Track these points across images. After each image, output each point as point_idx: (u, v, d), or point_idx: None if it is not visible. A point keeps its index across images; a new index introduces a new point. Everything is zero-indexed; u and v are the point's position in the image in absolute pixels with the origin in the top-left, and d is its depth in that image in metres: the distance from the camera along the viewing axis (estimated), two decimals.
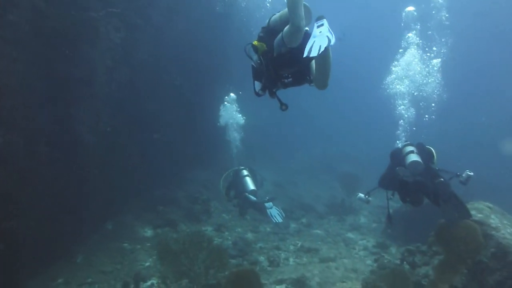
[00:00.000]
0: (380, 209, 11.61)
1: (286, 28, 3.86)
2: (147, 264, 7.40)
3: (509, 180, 17.24)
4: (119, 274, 6.86)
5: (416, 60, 9.97)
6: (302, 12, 3.67)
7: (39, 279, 6.34)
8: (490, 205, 6.55)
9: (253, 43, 4.49)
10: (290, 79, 4.42)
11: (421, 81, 10.03)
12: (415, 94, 9.67)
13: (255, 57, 4.60)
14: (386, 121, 11.74)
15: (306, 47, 3.44)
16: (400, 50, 10.43)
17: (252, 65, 4.68)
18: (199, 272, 6.86)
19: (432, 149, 6.45)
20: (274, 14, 4.56)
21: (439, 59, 10.98)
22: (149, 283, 6.61)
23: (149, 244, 8.29)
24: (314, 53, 3.38)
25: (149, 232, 9.03)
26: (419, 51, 10.17)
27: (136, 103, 9.46)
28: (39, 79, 6.86)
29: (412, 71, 9.86)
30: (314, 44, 3.41)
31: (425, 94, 10.48)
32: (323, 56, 3.64)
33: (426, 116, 11.14)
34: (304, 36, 3.98)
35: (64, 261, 7.04)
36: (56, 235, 6.74)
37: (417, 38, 10.33)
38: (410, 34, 10.47)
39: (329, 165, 19.74)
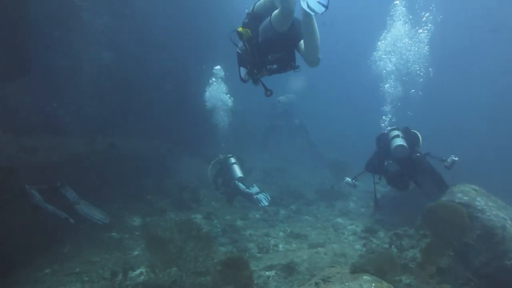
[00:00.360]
0: (369, 194, 11.67)
1: (276, 12, 3.82)
2: (136, 253, 7.36)
3: (494, 162, 17.49)
4: (107, 263, 6.81)
5: (404, 29, 9.85)
6: None
7: (26, 270, 6.27)
8: (476, 187, 6.62)
9: (238, 29, 4.46)
10: (275, 66, 4.40)
11: (407, 54, 9.94)
12: (401, 68, 9.61)
13: (240, 43, 4.59)
14: (373, 104, 11.68)
15: (303, 8, 3.31)
16: (389, 23, 10.30)
17: (237, 52, 4.66)
18: (188, 260, 6.84)
19: (418, 133, 6.50)
20: (259, 0, 4.53)
21: (430, 25, 10.85)
22: (137, 271, 6.58)
23: (137, 233, 8.25)
24: (319, 9, 3.25)
25: (137, 221, 8.98)
26: (406, 25, 10.06)
27: (121, 90, 9.33)
28: (21, 68, 6.71)
29: (400, 43, 9.76)
30: (309, 2, 3.26)
31: (411, 69, 10.39)
32: (309, 31, 3.60)
33: (413, 90, 11.10)
34: (292, 22, 3.95)
35: (51, 251, 6.96)
36: (42, 225, 6.66)
37: (404, 9, 10.19)
38: (397, 1, 10.29)
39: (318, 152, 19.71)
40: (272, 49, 4.27)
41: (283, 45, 4.25)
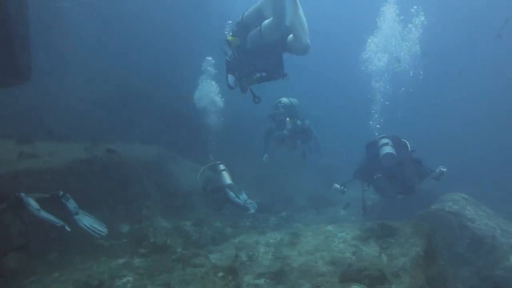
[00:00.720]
0: (360, 202, 11.67)
1: (267, 22, 3.86)
2: (124, 260, 7.24)
3: (483, 170, 17.59)
4: (94, 271, 6.69)
5: (395, 27, 9.88)
6: (286, 8, 3.71)
7: (9, 277, 6.12)
8: (466, 196, 6.65)
9: (227, 38, 4.54)
10: (264, 73, 4.45)
11: (398, 51, 9.96)
12: (392, 67, 9.64)
13: (229, 51, 4.65)
14: (368, 105, 11.65)
15: None
16: (380, 18, 10.31)
17: (226, 59, 4.72)
18: (177, 268, 6.77)
19: (407, 142, 6.55)
20: (248, 10, 4.60)
21: (422, 19, 10.87)
22: (125, 280, 6.45)
23: (125, 240, 8.12)
24: None
25: (126, 228, 8.84)
26: (396, 24, 10.10)
27: (111, 95, 9.27)
28: (22, 73, 6.60)
29: (390, 41, 9.80)
30: None
31: (402, 67, 10.40)
32: (296, 12, 3.62)
33: (403, 88, 11.11)
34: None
35: (37, 258, 6.83)
36: (35, 232, 6.55)
37: (395, 7, 10.23)
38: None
39: (309, 158, 19.66)
40: (260, 56, 4.31)
41: (272, 53, 4.29)
